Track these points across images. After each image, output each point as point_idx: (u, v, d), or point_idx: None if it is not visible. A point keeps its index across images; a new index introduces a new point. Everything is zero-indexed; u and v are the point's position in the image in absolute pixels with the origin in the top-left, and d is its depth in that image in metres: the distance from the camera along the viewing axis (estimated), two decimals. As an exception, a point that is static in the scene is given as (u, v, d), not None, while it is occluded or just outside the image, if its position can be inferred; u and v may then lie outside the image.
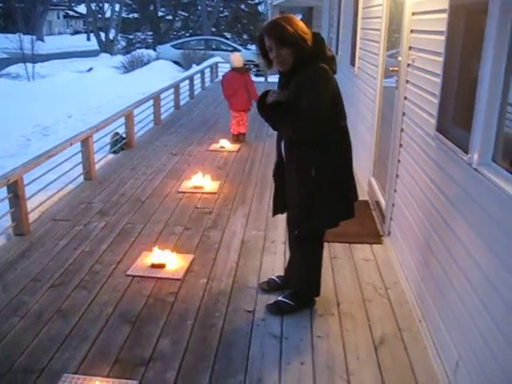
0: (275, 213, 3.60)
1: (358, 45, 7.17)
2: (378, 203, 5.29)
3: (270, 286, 3.81)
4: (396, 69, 4.51)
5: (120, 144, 8.18)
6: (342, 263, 4.26)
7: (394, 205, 4.54)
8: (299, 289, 3.55)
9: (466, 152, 2.70)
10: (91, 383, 2.83)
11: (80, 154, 6.43)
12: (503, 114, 2.48)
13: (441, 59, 3.26)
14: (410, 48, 4.15)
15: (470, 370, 2.59)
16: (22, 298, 3.71)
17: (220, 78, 17.99)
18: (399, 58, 4.40)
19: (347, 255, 4.41)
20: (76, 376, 2.90)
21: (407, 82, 4.21)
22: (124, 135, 8.32)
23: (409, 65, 4.17)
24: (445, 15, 3.21)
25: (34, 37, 27.61)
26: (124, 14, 36.63)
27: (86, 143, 6.26)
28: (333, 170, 3.17)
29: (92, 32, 41.17)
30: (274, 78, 5.19)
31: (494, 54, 2.43)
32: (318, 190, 3.15)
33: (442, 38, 3.24)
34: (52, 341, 3.23)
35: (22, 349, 3.15)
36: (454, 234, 2.93)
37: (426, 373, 2.96)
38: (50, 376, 2.91)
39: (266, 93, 3.28)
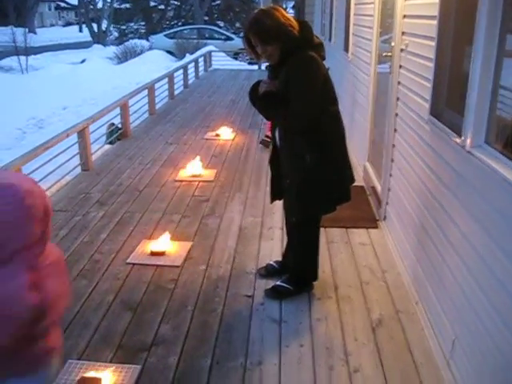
0: (273, 199, 3.65)
1: (351, 31, 7.20)
2: (373, 188, 5.34)
3: (268, 272, 3.86)
4: (389, 54, 4.55)
5: (116, 134, 8.20)
6: (338, 247, 4.31)
7: (389, 189, 4.59)
8: (297, 273, 3.60)
9: (460, 135, 2.75)
10: (95, 368, 2.88)
11: (76, 146, 6.45)
12: (495, 96, 2.52)
13: (433, 44, 3.30)
14: (403, 33, 4.18)
15: (466, 349, 2.65)
16: (24, 288, 3.75)
17: (214, 67, 18.05)
18: (392, 44, 4.43)
19: (344, 240, 4.47)
20: (80, 362, 2.95)
21: (400, 67, 4.25)
22: (119, 126, 8.34)
23: (402, 50, 4.21)
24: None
25: (26, 29, 27.44)
26: (116, 5, 36.44)
27: (82, 134, 6.28)
28: (327, 155, 3.21)
29: (84, 23, 41.00)
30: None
31: (486, 37, 2.47)
32: (313, 175, 3.19)
33: (434, 22, 3.27)
34: (55, 329, 3.28)
35: (26, 337, 3.19)
36: (448, 217, 2.98)
37: (424, 353, 3.02)
38: (54, 363, 2.95)
39: (257, 83, 3.31)
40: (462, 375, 2.67)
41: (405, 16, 4.16)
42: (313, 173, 3.18)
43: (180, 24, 33.86)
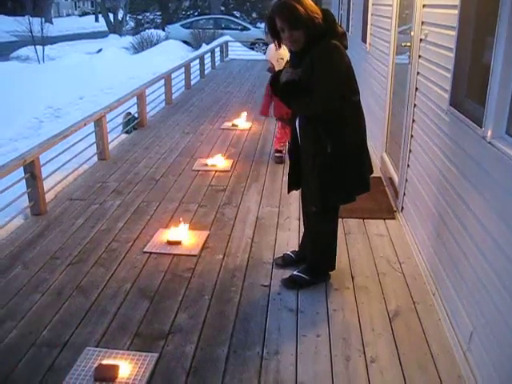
0: (290, 189, 3.64)
1: (370, 21, 7.14)
2: (390, 179, 5.31)
3: (284, 261, 3.87)
4: (408, 44, 4.50)
5: (132, 124, 8.22)
6: (355, 238, 4.30)
7: (407, 180, 4.56)
8: (314, 263, 3.60)
9: (480, 126, 2.72)
10: (112, 356, 2.90)
11: (93, 135, 6.48)
12: (517, 86, 2.49)
13: (454, 33, 3.26)
14: (423, 23, 4.14)
15: (483, 341, 2.64)
16: (42, 276, 3.79)
17: (230, 57, 18.00)
18: (412, 33, 4.39)
19: (361, 231, 4.45)
20: (98, 349, 2.98)
21: (420, 57, 4.21)
22: (136, 115, 8.36)
23: (421, 40, 4.17)
24: (458, -12, 3.20)
25: (43, 19, 27.53)
26: (132, -6, 36.44)
27: (99, 123, 6.31)
28: (348, 144, 3.20)
29: (100, 13, 41.04)
30: None
31: (508, 26, 2.43)
32: (334, 165, 3.18)
33: (456, 11, 3.23)
34: (73, 316, 3.31)
35: (45, 324, 3.23)
36: (467, 207, 2.95)
37: (440, 344, 3.01)
38: (73, 349, 2.99)
39: (279, 71, 3.30)
40: (479, 367, 2.65)
41: (424, 5, 4.12)
42: (334, 162, 3.17)
43: (196, 14, 33.76)
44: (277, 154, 6.33)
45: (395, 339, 3.04)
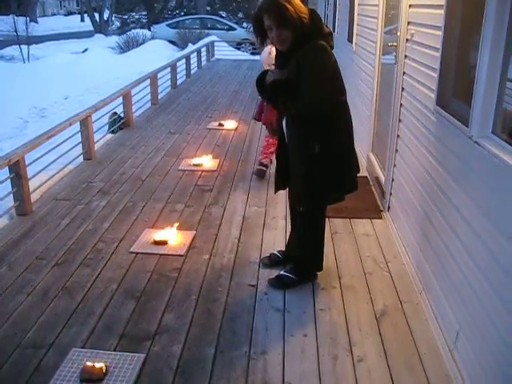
0: (277, 189, 3.64)
1: (356, 21, 7.16)
2: (377, 179, 5.32)
3: (271, 261, 3.86)
4: (395, 44, 4.52)
5: (118, 124, 8.18)
6: (342, 238, 4.31)
7: (393, 180, 4.58)
8: (302, 263, 3.60)
9: (467, 125, 2.73)
10: (99, 357, 2.88)
11: (79, 135, 6.43)
12: (503, 86, 2.51)
13: (440, 33, 3.27)
14: (409, 23, 4.16)
15: (470, 339, 2.65)
16: (28, 276, 3.75)
17: (216, 57, 17.98)
18: (398, 33, 4.40)
19: (347, 230, 4.46)
20: (84, 350, 2.95)
21: (406, 57, 4.22)
22: (122, 115, 8.31)
23: (407, 40, 4.18)
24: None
25: (28, 18, 27.31)
26: (118, -6, 36.28)
27: (85, 123, 6.26)
28: (336, 144, 3.20)
29: (86, 13, 40.76)
30: None
31: (495, 26, 2.45)
32: (322, 165, 3.18)
33: (441, 11, 3.25)
34: (59, 317, 3.28)
35: (30, 325, 3.19)
36: (453, 206, 2.97)
37: (427, 343, 3.02)
38: (59, 350, 2.96)
39: (264, 72, 3.29)
40: (466, 365, 2.67)
41: (411, 5, 4.13)
42: (321, 162, 3.17)
43: (182, 14, 33.68)
44: (259, 167, 5.80)
45: (382, 339, 3.05)
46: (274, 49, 4.87)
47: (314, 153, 3.16)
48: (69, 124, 5.86)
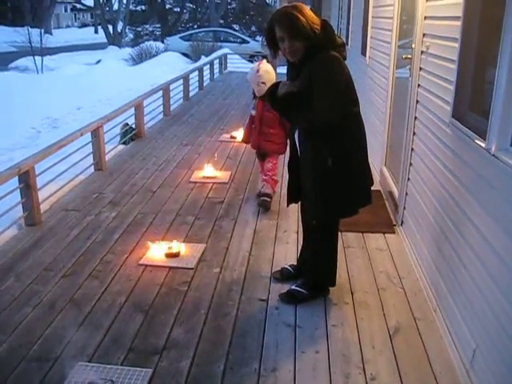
0: (289, 202, 3.58)
1: (370, 34, 7.11)
2: (390, 193, 5.25)
3: (283, 275, 3.79)
4: (409, 56, 4.46)
5: (130, 135, 8.17)
6: (355, 252, 4.23)
7: (407, 194, 4.50)
8: (314, 278, 3.52)
9: (484, 138, 2.66)
10: (106, 371, 2.82)
11: (90, 145, 6.42)
12: (522, 98, 2.44)
13: (456, 45, 3.22)
14: (424, 35, 4.10)
15: (487, 359, 2.56)
16: (35, 288, 3.71)
17: (229, 69, 18.02)
18: (413, 46, 4.35)
19: (360, 245, 4.39)
20: (90, 364, 2.89)
21: (421, 69, 4.17)
22: (134, 126, 8.31)
23: (422, 52, 4.13)
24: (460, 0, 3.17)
25: (42, 30, 27.55)
26: (132, 7, 36.60)
27: (96, 133, 6.25)
28: (349, 157, 3.14)
29: (99, 25, 41.16)
30: (282, 69, 5.17)
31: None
32: (336, 178, 3.12)
33: (458, 23, 3.19)
34: (65, 330, 3.23)
35: (36, 338, 3.14)
36: (469, 221, 2.89)
37: (442, 362, 2.93)
38: (65, 364, 2.90)
39: (276, 84, 3.24)
40: (482, 383, 2.58)
41: (426, 17, 4.08)
42: (335, 175, 3.11)
43: (195, 27, 33.91)
44: (263, 198, 5.12)
45: (396, 356, 2.97)
46: (262, 66, 4.78)
47: (326, 166, 3.11)
48: (80, 134, 5.84)
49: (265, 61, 4.92)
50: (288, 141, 4.70)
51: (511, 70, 2.43)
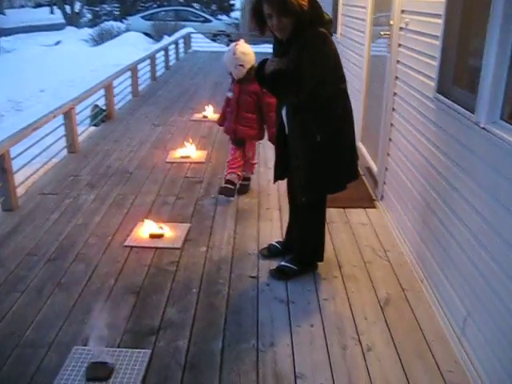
0: (276, 179, 3.60)
1: (340, 11, 7.12)
2: (368, 168, 5.32)
3: (270, 252, 3.82)
4: (388, 33, 4.49)
5: (100, 116, 8.03)
6: (338, 227, 4.29)
7: (387, 169, 4.57)
8: (303, 253, 3.56)
9: (473, 112, 2.72)
10: (103, 354, 2.79)
11: (61, 128, 6.28)
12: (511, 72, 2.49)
13: (440, 21, 3.25)
14: (403, 11, 4.13)
15: (479, 323, 2.65)
16: (20, 273, 3.65)
17: (193, 49, 17.81)
18: (391, 22, 4.38)
19: (343, 220, 4.45)
20: (87, 348, 2.86)
21: (400, 45, 4.21)
22: (104, 107, 8.17)
23: (401, 28, 4.16)
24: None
25: (-5, 10, 26.70)
26: (89, -14, 35.64)
27: (68, 115, 6.12)
28: (337, 133, 3.17)
29: (55, 5, 40.00)
30: (256, 48, 5.08)
31: (504, 8, 2.43)
32: (324, 154, 3.15)
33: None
34: (57, 314, 3.19)
35: (27, 324, 3.09)
36: (457, 192, 2.97)
37: (434, 330, 3.02)
38: (60, 349, 2.87)
39: (263, 61, 3.22)
40: (475, 349, 2.68)
41: (404, -7, 4.11)
42: (324, 151, 3.14)
43: (155, 6, 33.26)
44: (225, 185, 4.83)
45: (389, 327, 3.04)
46: (239, 47, 4.55)
47: (315, 142, 3.13)
48: (53, 116, 5.71)
49: (242, 41, 4.69)
50: (265, 127, 4.76)
51: (500, 44, 2.48)
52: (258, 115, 4.75)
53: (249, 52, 4.61)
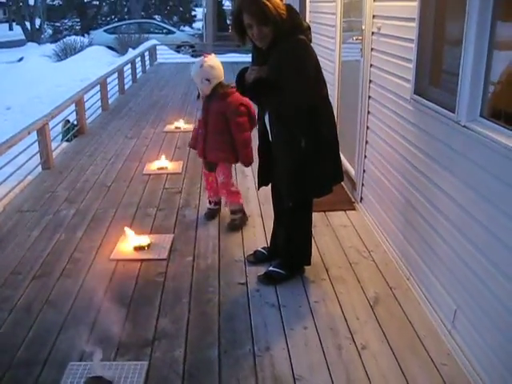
0: (260, 185, 3.63)
1: (308, 18, 7.22)
2: (345, 172, 5.37)
3: (257, 258, 3.85)
4: (360, 38, 4.59)
5: (72, 131, 7.96)
6: (321, 231, 4.34)
7: (364, 171, 4.66)
8: (291, 258, 3.60)
9: (453, 111, 2.80)
10: (100, 369, 2.78)
11: (34, 145, 6.22)
12: (489, 71, 2.59)
13: (413, 24, 3.34)
14: (374, 16, 4.23)
15: (469, 315, 2.72)
16: (6, 292, 3.59)
17: (159, 60, 17.79)
18: (363, 27, 4.47)
19: (324, 223, 4.51)
20: (83, 363, 2.84)
21: (372, 49, 4.30)
22: (75, 122, 8.10)
23: (373, 33, 4.26)
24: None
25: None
26: (48, 1, 35.26)
27: (42, 131, 6.06)
28: (321, 137, 3.22)
29: (14, 21, 39.45)
30: (222, 58, 4.92)
31: (480, 10, 2.52)
32: (310, 159, 3.20)
33: (414, 3, 3.31)
34: (48, 331, 3.15)
35: (19, 342, 3.04)
36: (439, 189, 3.05)
37: (424, 325, 3.09)
38: (55, 366, 2.83)
39: (244, 70, 3.26)
40: (466, 341, 2.75)
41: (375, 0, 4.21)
42: (309, 156, 3.18)
43: (116, 19, 33.14)
44: (232, 217, 4.54)
45: (380, 325, 3.10)
46: (207, 60, 4.12)
47: (300, 148, 3.18)
48: (27, 133, 5.66)
49: (213, 55, 4.35)
50: (238, 150, 4.28)
51: (478, 43, 2.57)
52: (227, 136, 4.28)
53: (217, 66, 4.24)
